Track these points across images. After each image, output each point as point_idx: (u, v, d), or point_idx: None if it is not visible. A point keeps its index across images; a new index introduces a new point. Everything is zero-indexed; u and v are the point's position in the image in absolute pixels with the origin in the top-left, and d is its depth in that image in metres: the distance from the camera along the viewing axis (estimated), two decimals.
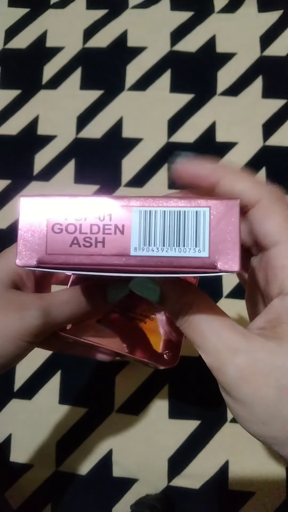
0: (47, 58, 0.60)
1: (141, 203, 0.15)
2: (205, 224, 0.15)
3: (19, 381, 0.50)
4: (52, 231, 0.15)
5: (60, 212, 0.15)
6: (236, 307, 0.47)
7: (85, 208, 0.15)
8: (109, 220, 0.15)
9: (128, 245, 0.15)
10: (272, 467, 0.46)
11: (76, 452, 0.48)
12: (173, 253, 0.15)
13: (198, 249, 0.15)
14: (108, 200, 0.15)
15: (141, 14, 0.61)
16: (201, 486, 0.46)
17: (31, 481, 0.47)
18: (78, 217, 0.15)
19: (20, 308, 0.22)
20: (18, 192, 0.56)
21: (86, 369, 0.50)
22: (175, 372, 0.48)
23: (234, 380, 0.16)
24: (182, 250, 0.15)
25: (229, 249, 0.15)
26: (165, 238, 0.15)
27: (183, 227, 0.15)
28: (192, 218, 0.15)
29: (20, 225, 0.15)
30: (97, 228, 0.15)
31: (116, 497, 0.46)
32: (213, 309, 0.18)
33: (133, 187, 0.55)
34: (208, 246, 0.15)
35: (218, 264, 0.15)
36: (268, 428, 0.16)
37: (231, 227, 0.15)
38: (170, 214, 0.15)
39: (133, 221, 0.15)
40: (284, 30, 0.59)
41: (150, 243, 0.15)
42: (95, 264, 0.15)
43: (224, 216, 0.15)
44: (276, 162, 0.55)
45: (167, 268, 0.15)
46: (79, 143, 0.57)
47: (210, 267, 0.15)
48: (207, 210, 0.15)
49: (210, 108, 0.57)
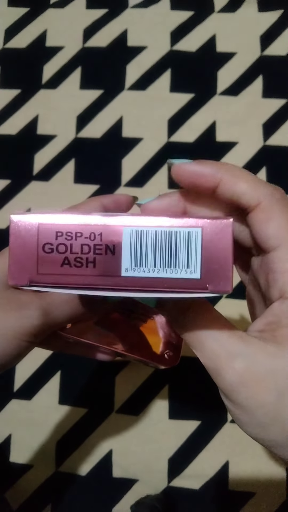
0: (46, 58, 0.60)
1: (132, 222, 0.15)
2: (197, 245, 0.15)
3: (19, 381, 0.50)
4: (43, 251, 0.15)
5: (50, 231, 0.15)
6: (236, 307, 0.47)
7: (76, 227, 0.15)
8: (99, 240, 0.15)
9: (119, 266, 0.15)
10: (272, 467, 0.46)
11: (76, 452, 0.48)
12: (164, 274, 0.15)
13: (190, 271, 0.14)
14: (99, 219, 0.15)
15: (141, 13, 0.61)
16: (201, 487, 0.46)
17: (31, 482, 0.47)
18: (69, 237, 0.15)
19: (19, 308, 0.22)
20: (18, 192, 0.56)
21: (86, 369, 0.50)
22: (175, 372, 0.48)
23: (233, 385, 0.16)
24: (174, 272, 0.15)
25: (221, 270, 0.14)
26: (156, 258, 0.15)
27: (175, 247, 0.15)
28: (184, 239, 0.15)
29: (11, 245, 0.15)
30: (88, 248, 0.15)
31: (116, 498, 0.46)
32: (211, 312, 0.17)
33: (133, 187, 0.55)
34: (199, 267, 0.14)
35: (210, 286, 0.14)
36: (267, 432, 0.16)
37: (224, 247, 0.14)
38: (162, 234, 0.15)
39: (124, 241, 0.15)
40: (284, 29, 0.59)
41: (141, 263, 0.15)
42: (86, 284, 0.15)
43: (217, 237, 0.15)
44: (276, 162, 0.55)
45: (158, 289, 0.15)
46: (79, 143, 0.57)
47: (202, 289, 0.14)
48: (199, 231, 0.15)
49: (210, 108, 0.57)
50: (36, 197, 0.55)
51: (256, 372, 0.15)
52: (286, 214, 0.16)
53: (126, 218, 0.15)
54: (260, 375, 0.15)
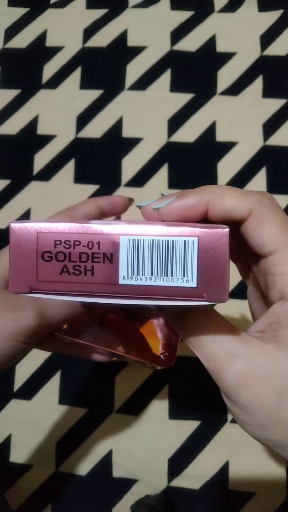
0: (47, 58, 0.60)
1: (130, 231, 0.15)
2: (194, 254, 0.15)
3: (18, 381, 0.50)
4: (42, 259, 0.15)
5: (49, 240, 0.15)
6: (236, 307, 0.47)
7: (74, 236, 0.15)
8: (97, 248, 0.15)
9: (116, 274, 0.15)
10: (272, 467, 0.46)
11: (76, 452, 0.48)
12: (161, 282, 0.15)
13: (186, 279, 0.15)
14: (97, 227, 0.15)
15: (141, 13, 0.61)
16: (201, 487, 0.46)
17: (31, 482, 0.47)
18: (67, 245, 0.15)
19: (15, 309, 0.22)
20: (18, 192, 0.56)
21: (86, 369, 0.50)
22: (175, 372, 0.48)
23: (233, 386, 0.16)
24: (170, 280, 0.15)
25: (218, 279, 0.15)
26: (153, 267, 0.15)
27: (171, 256, 0.15)
28: (180, 248, 0.15)
29: (11, 253, 0.15)
30: (86, 256, 0.15)
31: (116, 498, 0.46)
32: (211, 313, 0.18)
33: (133, 187, 0.55)
34: (196, 276, 0.15)
35: (206, 294, 0.15)
36: (268, 432, 0.16)
37: (220, 256, 0.15)
38: (159, 243, 0.15)
39: (121, 250, 0.15)
40: (284, 29, 0.59)
41: (138, 272, 0.15)
42: (85, 291, 0.15)
43: (213, 246, 0.15)
44: (276, 162, 0.55)
45: (155, 296, 0.15)
46: (79, 143, 0.57)
47: (198, 297, 0.15)
48: (196, 240, 0.15)
49: (210, 107, 0.57)
50: (36, 197, 0.55)
51: (257, 373, 0.15)
52: (277, 218, 0.17)
53: (123, 226, 0.15)
54: (260, 376, 0.15)
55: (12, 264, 0.15)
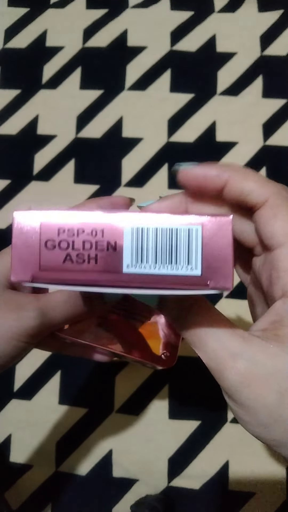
0: (47, 58, 0.60)
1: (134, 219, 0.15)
2: (198, 242, 0.15)
3: (19, 381, 0.50)
4: (45, 248, 0.15)
5: (52, 228, 0.15)
6: (237, 307, 0.47)
7: (78, 224, 0.15)
8: (101, 236, 0.15)
9: (120, 262, 0.15)
10: (272, 467, 0.46)
11: (76, 452, 0.48)
12: (165, 270, 0.15)
13: (190, 267, 0.15)
14: (101, 215, 0.15)
15: (141, 13, 0.61)
16: (201, 487, 0.46)
17: (31, 482, 0.47)
18: (71, 233, 0.15)
19: (17, 309, 0.22)
20: (18, 192, 0.56)
21: (86, 369, 0.50)
22: (175, 372, 0.48)
23: (235, 385, 0.16)
24: (174, 268, 0.15)
25: (222, 267, 0.15)
26: (157, 255, 0.15)
27: (176, 244, 0.15)
28: (184, 236, 0.15)
29: (14, 241, 0.15)
30: (90, 244, 0.15)
31: (116, 498, 0.46)
32: (212, 312, 0.17)
33: (133, 187, 0.55)
34: (200, 264, 0.15)
35: (210, 282, 0.15)
36: (270, 431, 0.16)
37: (224, 244, 0.15)
38: (163, 231, 0.15)
39: (125, 238, 0.15)
40: (284, 29, 0.59)
41: (142, 260, 0.15)
42: (88, 280, 0.15)
43: (217, 234, 0.15)
44: (276, 162, 0.55)
45: (159, 285, 0.15)
46: (79, 143, 0.57)
47: (203, 285, 0.15)
48: (200, 228, 0.15)
49: (210, 108, 0.57)
50: (36, 197, 0.55)
51: (259, 373, 0.15)
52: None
53: (128, 215, 0.15)
54: (262, 375, 0.15)
55: (15, 253, 0.15)
